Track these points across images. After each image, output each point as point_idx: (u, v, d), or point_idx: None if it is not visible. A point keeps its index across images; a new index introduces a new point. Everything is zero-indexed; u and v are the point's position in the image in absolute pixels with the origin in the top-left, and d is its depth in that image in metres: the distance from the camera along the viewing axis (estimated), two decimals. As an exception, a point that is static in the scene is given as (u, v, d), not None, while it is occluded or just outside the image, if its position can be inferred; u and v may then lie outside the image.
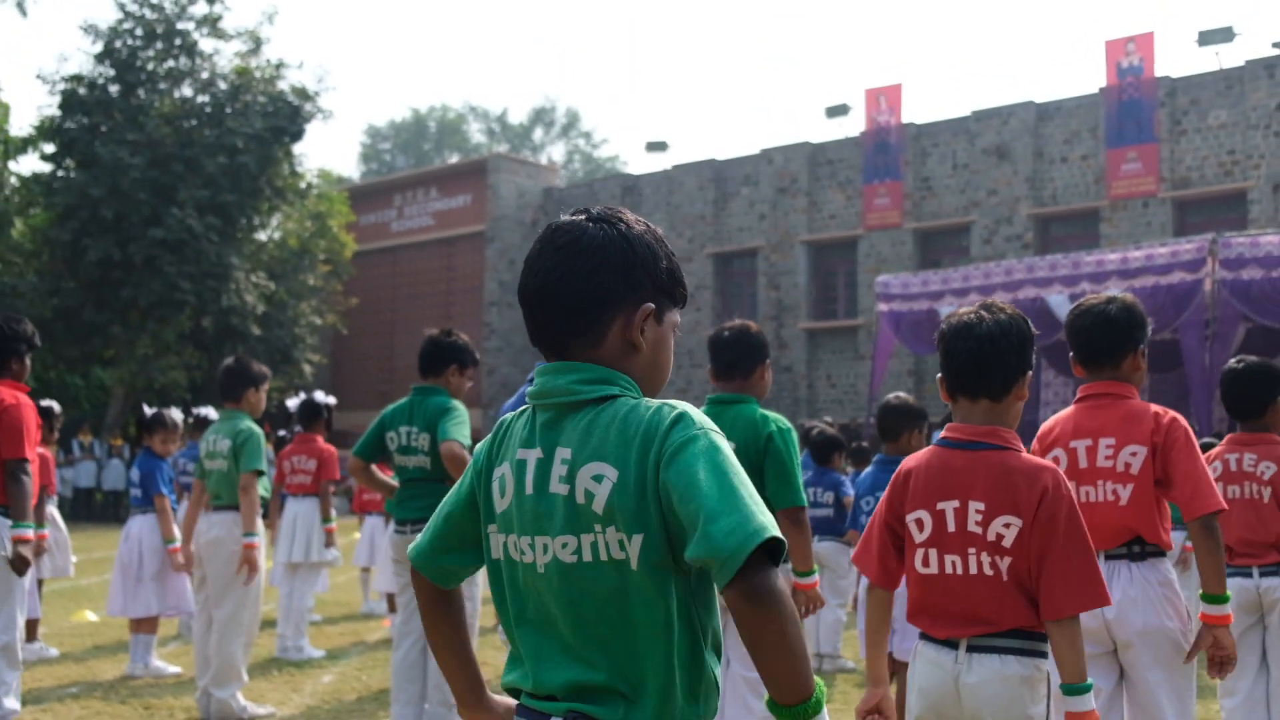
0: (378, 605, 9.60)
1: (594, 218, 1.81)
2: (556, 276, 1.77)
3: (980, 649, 2.60)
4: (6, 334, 5.04)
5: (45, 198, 24.62)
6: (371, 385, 35.36)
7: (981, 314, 2.74)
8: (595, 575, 1.67)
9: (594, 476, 1.67)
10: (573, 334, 1.77)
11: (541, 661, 1.71)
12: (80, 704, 5.98)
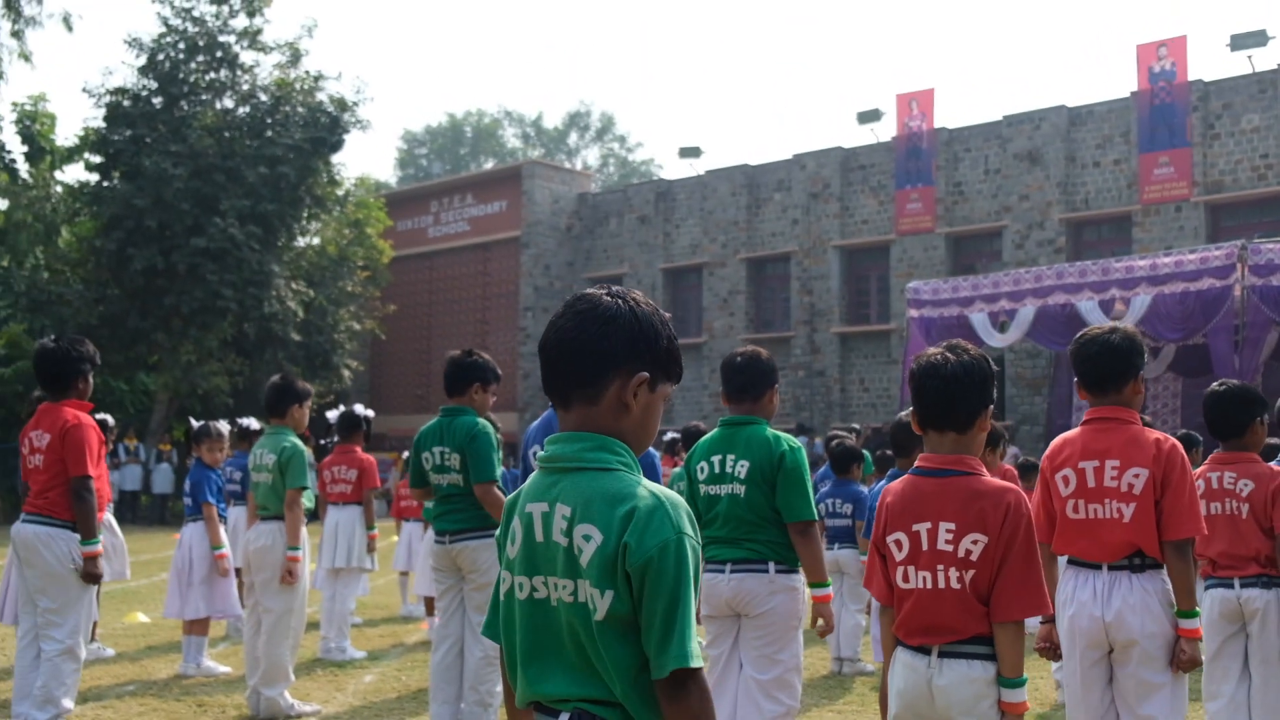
0: (416, 608, 9.94)
1: (611, 293, 2.11)
2: (572, 334, 2.07)
3: (949, 655, 2.92)
4: (71, 355, 5.39)
5: (91, 207, 25.13)
6: (408, 390, 35.78)
7: (948, 355, 3.01)
8: (583, 614, 1.97)
9: (584, 535, 1.98)
10: (577, 386, 2.07)
11: (546, 677, 2.02)
12: (138, 701, 6.34)
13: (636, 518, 1.95)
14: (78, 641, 5.42)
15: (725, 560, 4.26)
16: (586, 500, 2.00)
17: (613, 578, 1.95)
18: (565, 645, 2.01)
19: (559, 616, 2.01)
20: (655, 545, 1.94)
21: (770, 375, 4.53)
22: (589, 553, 1.96)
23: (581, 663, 1.99)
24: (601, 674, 1.97)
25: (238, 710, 6.15)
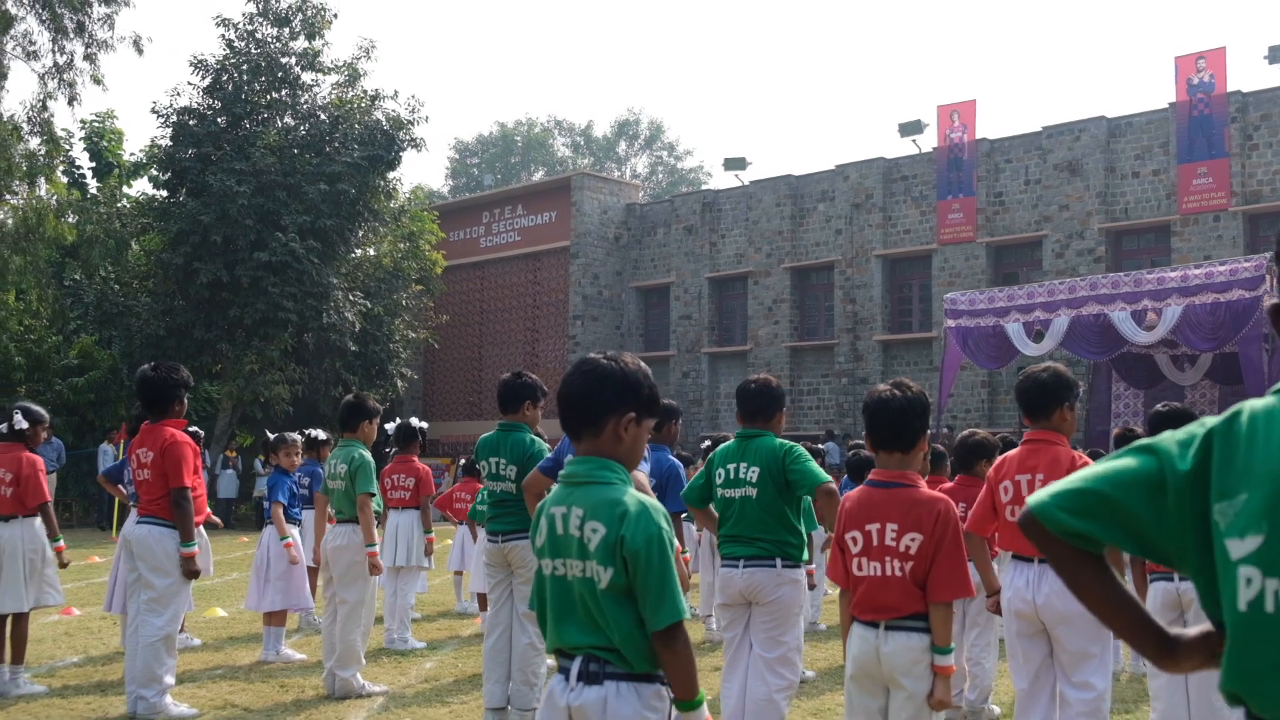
0: (470, 605, 10.72)
1: (607, 357, 2.92)
2: (579, 389, 2.90)
3: (893, 628, 3.70)
4: (169, 381, 6.23)
5: (159, 223, 26.16)
6: (461, 397, 36.63)
7: (894, 392, 3.74)
8: (590, 585, 2.75)
9: (592, 529, 2.76)
10: (585, 424, 2.87)
11: (566, 631, 2.81)
12: (227, 684, 7.14)
13: (629, 518, 2.72)
14: (175, 628, 6.27)
15: (739, 557, 4.99)
16: (594, 505, 2.77)
17: (613, 559, 2.71)
18: (578, 608, 2.78)
19: (573, 588, 2.79)
20: (644, 538, 2.69)
21: (780, 400, 5.22)
22: (596, 541, 2.73)
23: (590, 621, 2.76)
24: (604, 629, 2.74)
25: (315, 690, 6.93)
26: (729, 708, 4.94)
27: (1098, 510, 1.75)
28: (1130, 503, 1.73)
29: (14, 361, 24.95)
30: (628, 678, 2.74)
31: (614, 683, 2.74)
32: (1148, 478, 1.73)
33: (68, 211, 25.49)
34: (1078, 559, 1.81)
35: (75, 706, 6.42)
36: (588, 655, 2.77)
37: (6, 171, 23.52)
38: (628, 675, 2.74)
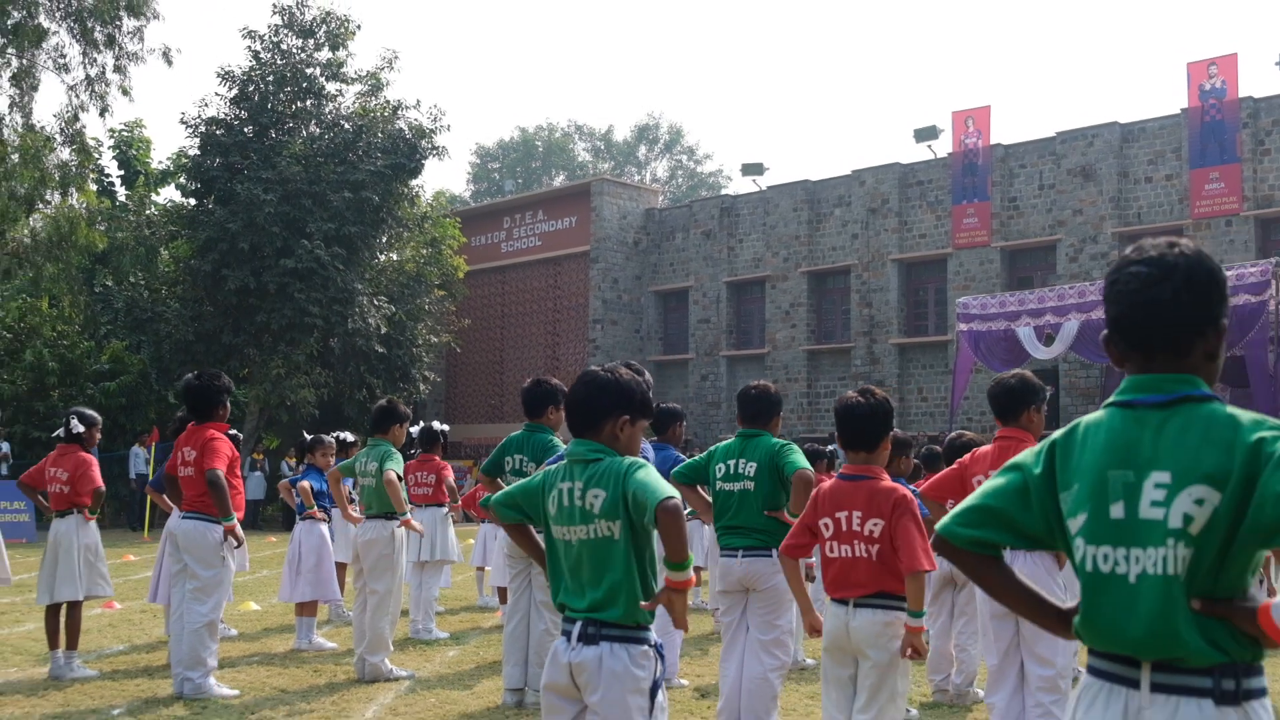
0: (491, 600, 11.20)
1: (605, 369, 3.42)
2: (582, 397, 3.41)
3: (861, 604, 4.17)
4: (212, 388, 6.75)
5: (188, 230, 26.74)
6: (482, 400, 37.12)
7: (860, 399, 4.19)
8: (596, 545, 3.25)
9: (594, 495, 3.25)
10: (587, 428, 3.39)
11: (568, 594, 3.32)
12: (264, 669, 7.62)
13: (625, 473, 3.30)
14: (217, 616, 6.76)
15: (738, 547, 5.43)
16: (591, 476, 3.31)
17: (618, 511, 3.26)
18: (581, 571, 3.30)
19: (574, 550, 3.31)
20: (634, 476, 3.28)
21: (777, 405, 5.67)
22: (599, 505, 3.28)
23: (592, 579, 3.27)
24: (606, 584, 3.23)
25: (346, 675, 7.40)
26: (727, 686, 5.40)
27: (986, 520, 2.30)
28: (1008, 508, 2.29)
29: (48, 366, 25.54)
30: (620, 640, 3.22)
31: (608, 644, 3.22)
32: (1016, 487, 2.30)
33: (99, 220, 26.03)
34: (980, 562, 2.33)
35: (125, 688, 6.90)
36: (586, 620, 3.26)
37: (40, 181, 24.08)
38: (620, 637, 3.22)
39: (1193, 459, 2.06)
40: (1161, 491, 2.07)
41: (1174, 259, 2.16)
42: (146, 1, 23.90)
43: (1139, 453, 2.12)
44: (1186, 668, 2.04)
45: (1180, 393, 2.13)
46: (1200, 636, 2.02)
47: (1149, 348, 2.17)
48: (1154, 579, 2.07)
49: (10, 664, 7.73)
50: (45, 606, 7.35)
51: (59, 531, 7.33)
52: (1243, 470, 2.00)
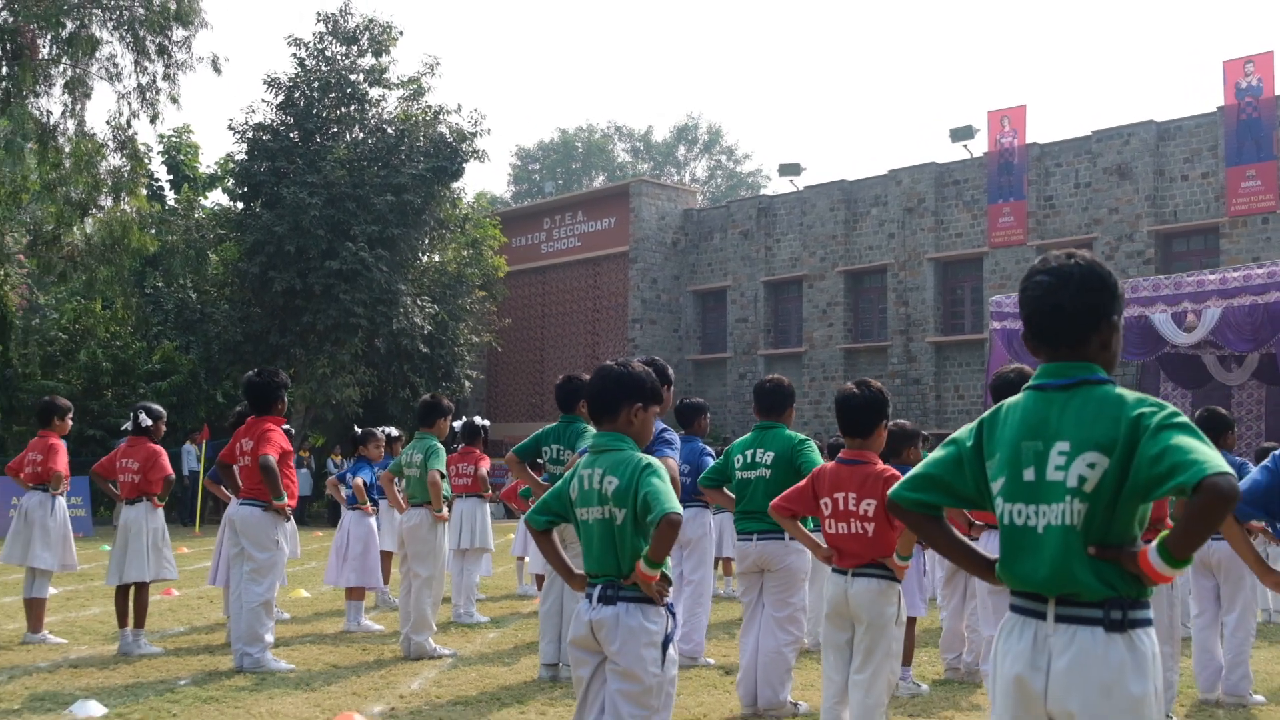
0: (530, 588, 11.65)
1: (619, 363, 3.82)
2: (599, 389, 3.85)
3: (858, 574, 4.56)
4: (272, 384, 7.27)
5: (235, 234, 27.43)
6: (523, 398, 37.61)
7: (855, 390, 4.57)
8: (606, 524, 3.68)
9: (609, 482, 3.66)
10: (605, 414, 3.80)
11: (590, 561, 3.76)
12: (316, 648, 8.10)
13: (635, 469, 3.66)
14: (272, 596, 7.26)
15: (753, 531, 5.85)
16: (610, 465, 3.72)
17: (626, 500, 3.64)
18: (596, 544, 3.74)
19: (594, 528, 3.73)
20: (644, 476, 3.63)
21: (790, 397, 6.07)
22: (612, 490, 3.67)
23: (607, 554, 3.69)
24: (617, 556, 3.66)
25: (393, 653, 7.87)
26: (746, 658, 5.83)
27: (928, 486, 2.81)
28: (945, 475, 2.79)
29: (102, 366, 26.26)
30: (634, 600, 3.67)
31: (624, 604, 3.67)
32: (953, 457, 2.80)
33: (150, 224, 26.73)
34: (924, 520, 2.84)
35: (189, 663, 7.40)
36: (605, 583, 3.72)
37: (93, 187, 24.81)
38: (634, 599, 3.67)
39: (1088, 431, 2.53)
40: (1063, 458, 2.54)
41: (1070, 269, 2.64)
42: (195, 11, 24.54)
43: (1046, 427, 2.60)
44: (1082, 601, 2.50)
45: (1079, 377, 2.62)
46: (1093, 576, 2.49)
47: (1054, 342, 2.65)
48: (1056, 529, 2.54)
49: (81, 642, 8.26)
50: (115, 588, 7.88)
51: (129, 518, 7.87)
52: (1126, 439, 2.47)
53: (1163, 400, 2.55)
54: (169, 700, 6.17)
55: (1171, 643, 5.69)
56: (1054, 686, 2.50)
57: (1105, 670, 2.46)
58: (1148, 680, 2.47)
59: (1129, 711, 2.45)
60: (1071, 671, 2.48)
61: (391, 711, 6.02)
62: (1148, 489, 2.45)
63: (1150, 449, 2.42)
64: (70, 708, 5.86)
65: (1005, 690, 2.60)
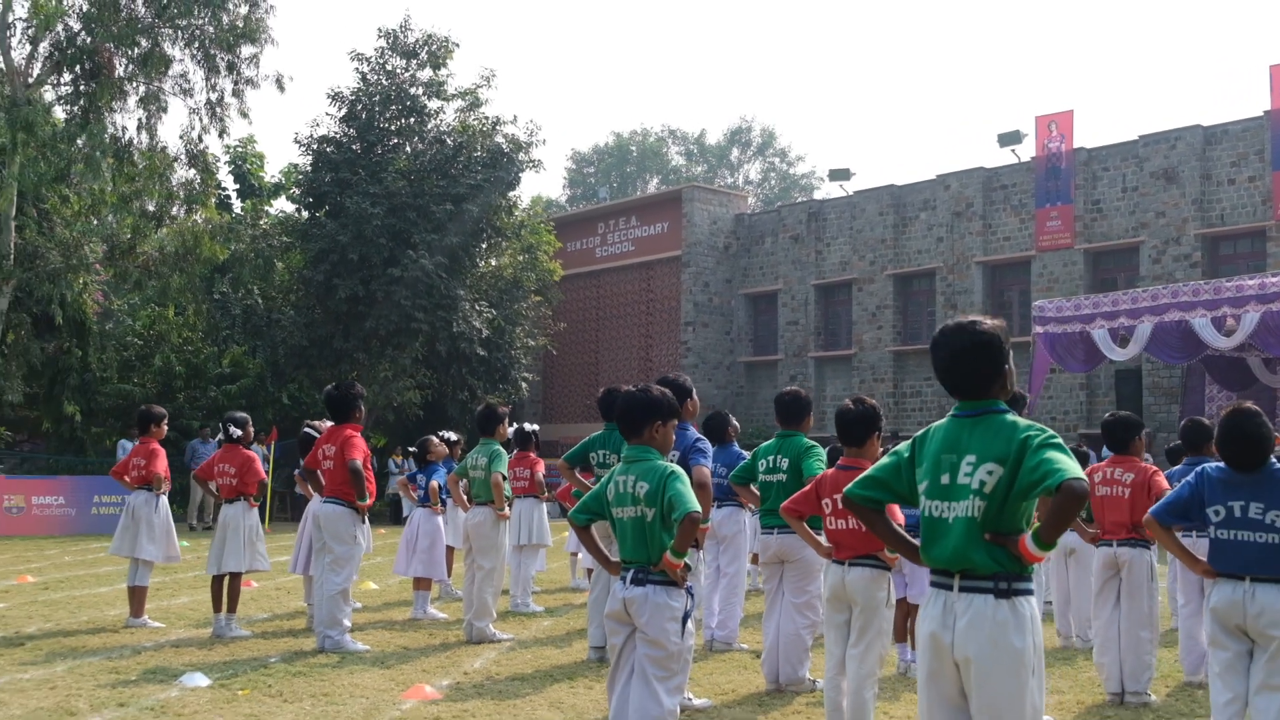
0: (582, 582, 12.41)
1: (640, 389, 4.58)
2: (625, 411, 4.59)
3: (854, 564, 5.23)
4: (348, 396, 8.16)
5: (301, 243, 28.45)
6: (578, 400, 38.39)
7: (851, 406, 5.30)
8: (638, 521, 4.40)
9: (640, 486, 4.38)
10: (632, 431, 4.54)
11: (625, 550, 4.48)
12: (386, 633, 8.93)
13: (668, 479, 4.39)
14: (349, 585, 8.08)
15: (773, 526, 6.59)
16: (641, 472, 4.46)
17: (655, 500, 4.38)
18: (630, 537, 4.48)
19: (628, 525, 4.47)
20: (674, 491, 4.34)
21: (808, 407, 6.79)
22: (643, 493, 4.41)
23: (638, 545, 4.44)
24: (647, 548, 4.40)
25: (457, 638, 8.68)
26: (768, 641, 6.58)
27: (874, 485, 3.68)
28: (888, 478, 3.62)
29: (175, 370, 27.38)
30: (659, 583, 4.45)
31: (652, 585, 4.45)
32: (894, 465, 3.65)
33: (220, 234, 27.80)
34: (870, 512, 3.69)
35: (276, 644, 8.25)
36: (637, 568, 4.50)
37: (166, 199, 25.95)
38: (660, 582, 4.45)
39: (988, 447, 3.33)
40: (970, 467, 3.33)
41: (965, 345, 3.44)
42: (263, 29, 25.57)
43: (959, 444, 3.39)
44: (978, 574, 3.32)
45: (984, 409, 3.43)
46: (986, 556, 3.30)
47: (965, 395, 3.45)
48: (961, 520, 3.36)
49: (176, 626, 9.15)
50: (211, 577, 8.78)
51: (228, 515, 8.81)
52: (1015, 454, 3.27)
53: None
54: (263, 674, 7.01)
55: (1151, 629, 6.35)
56: (957, 639, 3.31)
57: (994, 627, 3.27)
58: (1026, 635, 3.29)
59: (1011, 659, 3.26)
60: (969, 628, 3.29)
61: (457, 685, 6.80)
62: (1028, 490, 3.25)
63: (1031, 461, 3.24)
64: (179, 679, 6.72)
65: (924, 645, 3.43)
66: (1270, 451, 4.50)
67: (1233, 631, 4.41)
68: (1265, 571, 4.35)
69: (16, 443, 28.72)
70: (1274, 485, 4.43)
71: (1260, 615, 4.29)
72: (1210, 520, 4.48)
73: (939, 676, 3.38)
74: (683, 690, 4.65)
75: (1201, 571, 4.63)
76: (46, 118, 23.22)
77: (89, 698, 6.31)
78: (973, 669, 3.28)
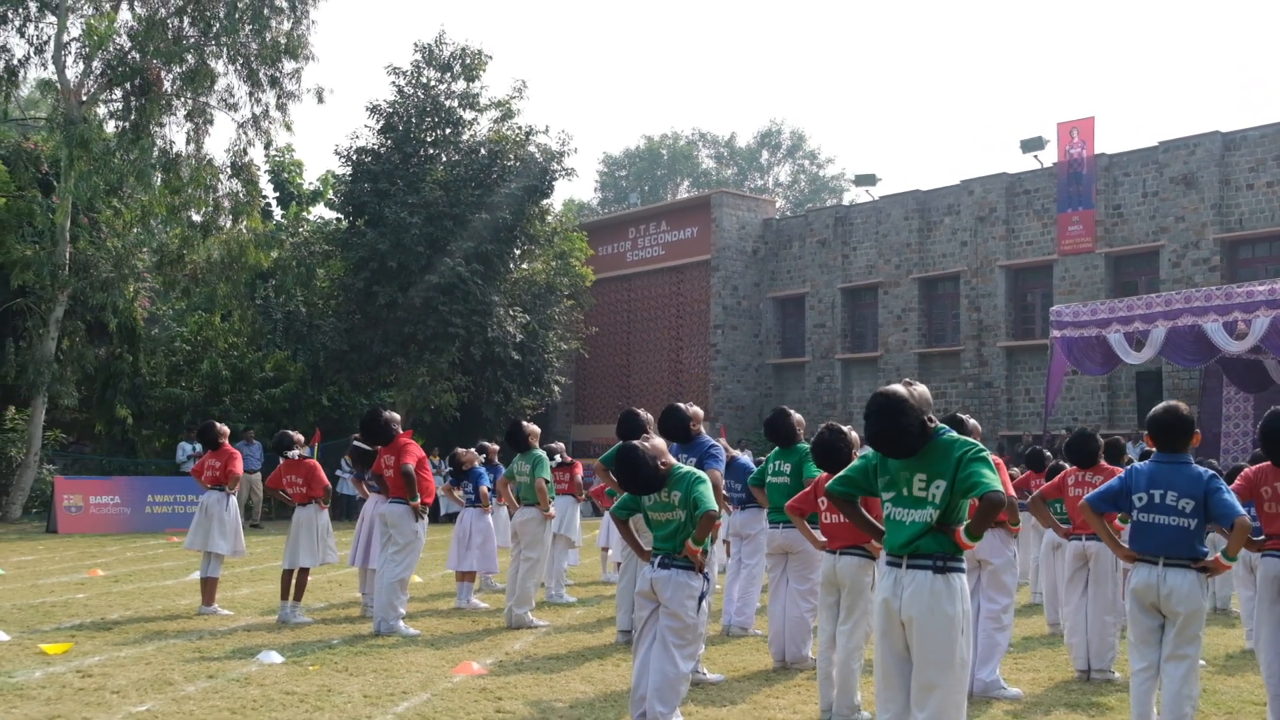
0: (613, 575, 13.24)
1: (672, 406, 5.47)
2: (667, 415, 5.75)
3: (844, 553, 6.03)
4: (378, 426, 9.20)
5: (341, 251, 29.40)
6: (610, 402, 39.14)
7: (825, 433, 6.05)
8: (670, 519, 5.27)
9: (673, 494, 5.26)
10: (672, 435, 5.57)
11: (656, 542, 5.36)
12: (433, 619, 9.81)
13: (693, 484, 5.26)
14: (408, 575, 9.02)
15: (778, 522, 7.40)
16: (673, 481, 5.27)
17: (685, 504, 5.22)
18: (662, 532, 5.30)
19: (660, 520, 5.31)
20: (698, 493, 5.22)
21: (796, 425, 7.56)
22: (676, 499, 5.24)
23: (668, 536, 5.27)
24: (676, 541, 5.23)
25: (498, 624, 9.56)
26: (774, 624, 7.45)
27: (849, 482, 4.56)
28: (859, 477, 4.46)
29: (221, 375, 28.35)
30: (682, 567, 5.33)
31: (675, 569, 5.33)
32: (865, 466, 4.47)
33: (264, 243, 28.74)
34: (844, 503, 4.55)
35: (336, 629, 9.17)
36: (664, 555, 5.38)
37: (213, 210, 26.92)
38: (682, 566, 5.33)
39: (936, 468, 4.23)
40: (923, 483, 4.22)
41: (890, 417, 4.23)
42: (304, 44, 26.49)
43: (915, 464, 4.26)
44: (922, 554, 4.20)
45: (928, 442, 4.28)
46: (931, 543, 4.18)
47: (904, 455, 4.29)
48: (919, 524, 4.23)
49: (243, 614, 10.07)
50: (282, 570, 9.75)
51: (301, 517, 9.84)
52: (953, 468, 4.16)
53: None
54: (329, 653, 7.90)
55: (1115, 614, 7.14)
56: (904, 605, 4.21)
57: (931, 596, 4.17)
58: (957, 603, 4.19)
59: (945, 620, 4.17)
60: (913, 596, 4.19)
61: (500, 663, 7.66)
62: (962, 495, 4.17)
63: (963, 473, 4.15)
64: (256, 656, 7.61)
65: (878, 609, 4.33)
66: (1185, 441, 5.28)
67: (1148, 609, 5.17)
68: (1175, 553, 5.09)
69: (69, 444, 29.76)
70: (1178, 475, 5.16)
71: (1170, 595, 5.04)
72: (1135, 506, 5.23)
73: (889, 634, 4.29)
74: (695, 658, 5.53)
75: (1124, 556, 5.38)
76: (100, 134, 24.23)
77: (181, 671, 7.21)
78: (914, 627, 4.18)
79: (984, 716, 6.24)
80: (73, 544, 17.85)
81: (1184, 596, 5.03)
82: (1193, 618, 5.04)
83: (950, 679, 4.14)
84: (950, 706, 4.15)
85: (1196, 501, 5.03)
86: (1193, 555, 5.08)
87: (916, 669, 4.18)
